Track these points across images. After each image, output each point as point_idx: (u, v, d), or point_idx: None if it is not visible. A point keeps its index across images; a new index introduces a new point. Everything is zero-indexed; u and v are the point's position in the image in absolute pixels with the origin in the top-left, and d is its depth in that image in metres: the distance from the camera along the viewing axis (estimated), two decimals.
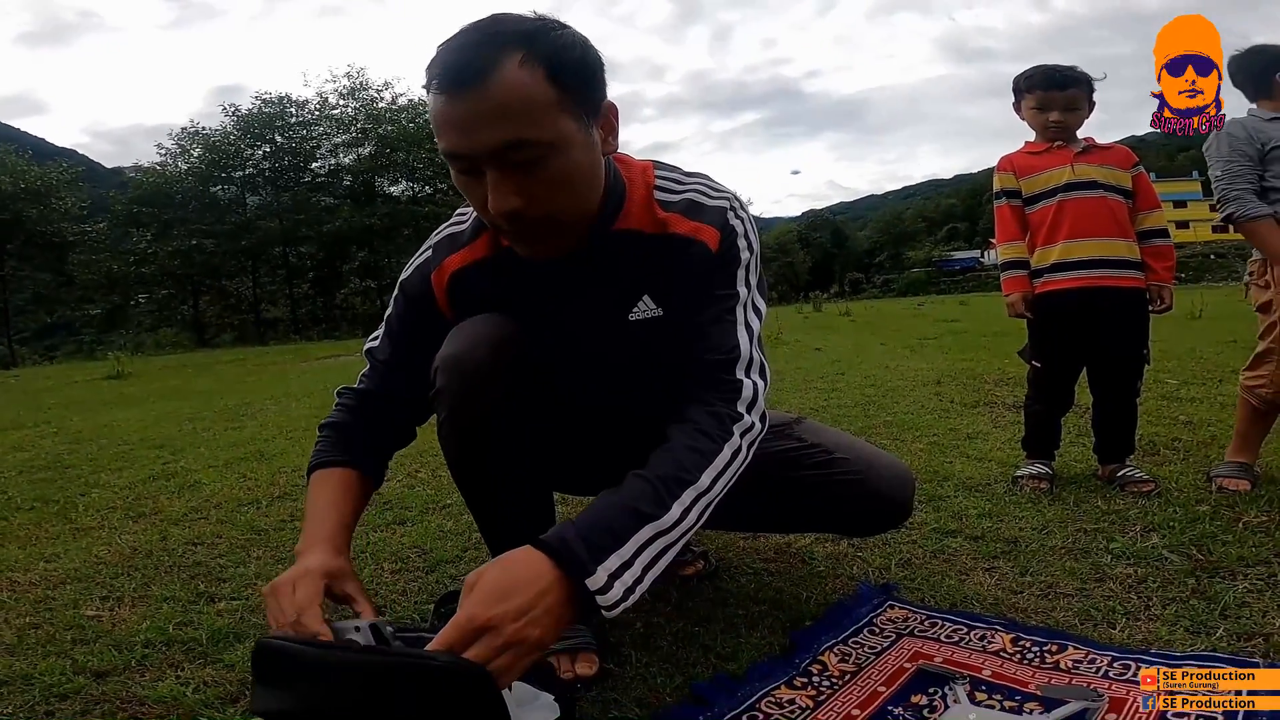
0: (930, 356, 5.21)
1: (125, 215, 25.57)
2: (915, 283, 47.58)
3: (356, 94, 27.76)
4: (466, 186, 0.79)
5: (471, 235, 0.96)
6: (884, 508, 1.08)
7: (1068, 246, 1.77)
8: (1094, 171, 1.77)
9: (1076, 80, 1.78)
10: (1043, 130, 1.84)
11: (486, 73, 0.72)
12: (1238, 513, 1.51)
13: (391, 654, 0.71)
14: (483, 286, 0.94)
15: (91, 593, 1.40)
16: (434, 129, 0.77)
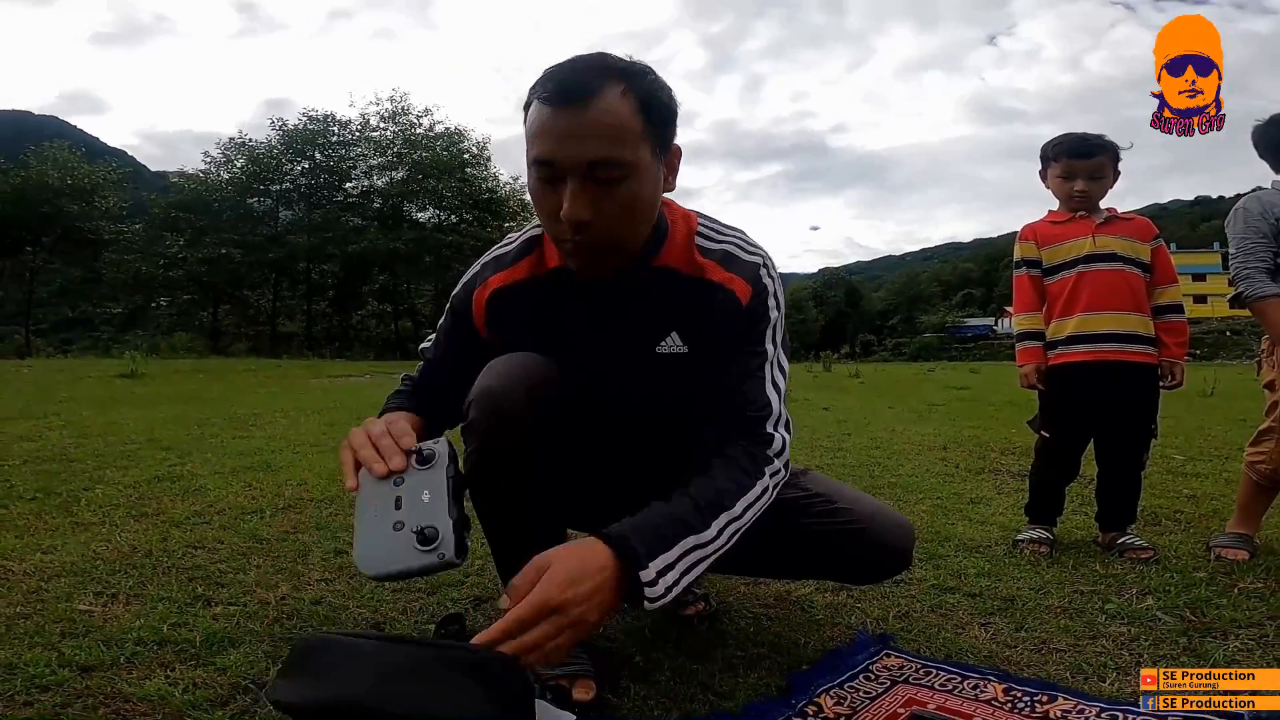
0: (938, 423, 5.19)
1: (162, 219, 26.09)
2: (927, 347, 47.54)
3: (397, 118, 28.40)
4: (542, 194, 0.86)
5: (515, 257, 1.02)
6: (884, 557, 1.10)
7: (1084, 319, 1.79)
8: (1114, 244, 1.80)
9: (1103, 148, 1.82)
10: (1067, 199, 1.87)
11: (593, 94, 0.81)
12: (1234, 579, 1.54)
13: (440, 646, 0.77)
14: (519, 306, 1.00)
15: (86, 587, 1.40)
16: (530, 136, 0.85)
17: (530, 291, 1.00)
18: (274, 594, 1.38)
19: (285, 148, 27.51)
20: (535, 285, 1.00)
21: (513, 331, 1.01)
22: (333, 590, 1.43)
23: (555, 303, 0.99)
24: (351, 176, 28.82)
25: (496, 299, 1.02)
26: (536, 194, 0.88)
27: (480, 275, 1.04)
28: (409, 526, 0.78)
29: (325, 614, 1.30)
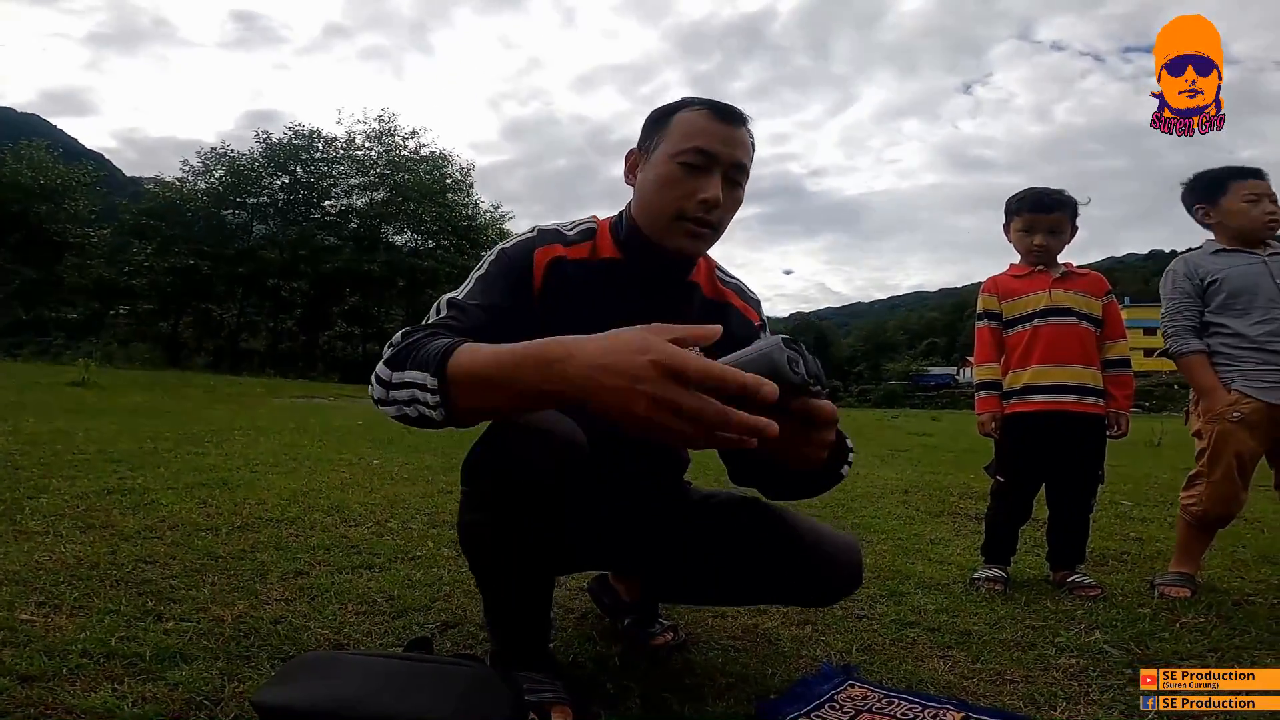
0: (900, 467, 5.27)
1: (132, 225, 25.46)
2: (891, 394, 48.37)
3: (383, 138, 28.32)
4: (682, 180, 1.01)
5: (576, 239, 1.10)
6: (837, 576, 1.14)
7: (1038, 371, 1.89)
8: (1069, 299, 1.91)
9: (1062, 204, 1.93)
10: (1026, 253, 1.98)
11: (746, 122, 1.06)
12: (1176, 615, 1.61)
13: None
14: (579, 283, 1.06)
15: (28, 597, 1.35)
16: (688, 133, 1.02)
17: (589, 274, 1.07)
18: (230, 611, 1.34)
19: (267, 160, 27.15)
20: (594, 270, 1.08)
21: (566, 307, 1.03)
22: (293, 610, 1.39)
23: (611, 291, 1.07)
24: (331, 194, 28.54)
25: (559, 268, 1.06)
26: (674, 179, 1.02)
27: (538, 240, 1.08)
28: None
29: (285, 633, 1.26)
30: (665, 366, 0.65)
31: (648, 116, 1.10)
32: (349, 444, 4.49)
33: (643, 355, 0.66)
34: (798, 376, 0.70)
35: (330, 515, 2.29)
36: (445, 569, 1.74)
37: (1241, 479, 1.80)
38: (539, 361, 0.72)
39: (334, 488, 2.83)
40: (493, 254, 1.08)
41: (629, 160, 1.12)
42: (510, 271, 1.05)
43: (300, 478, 3.03)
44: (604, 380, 0.67)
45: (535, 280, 1.05)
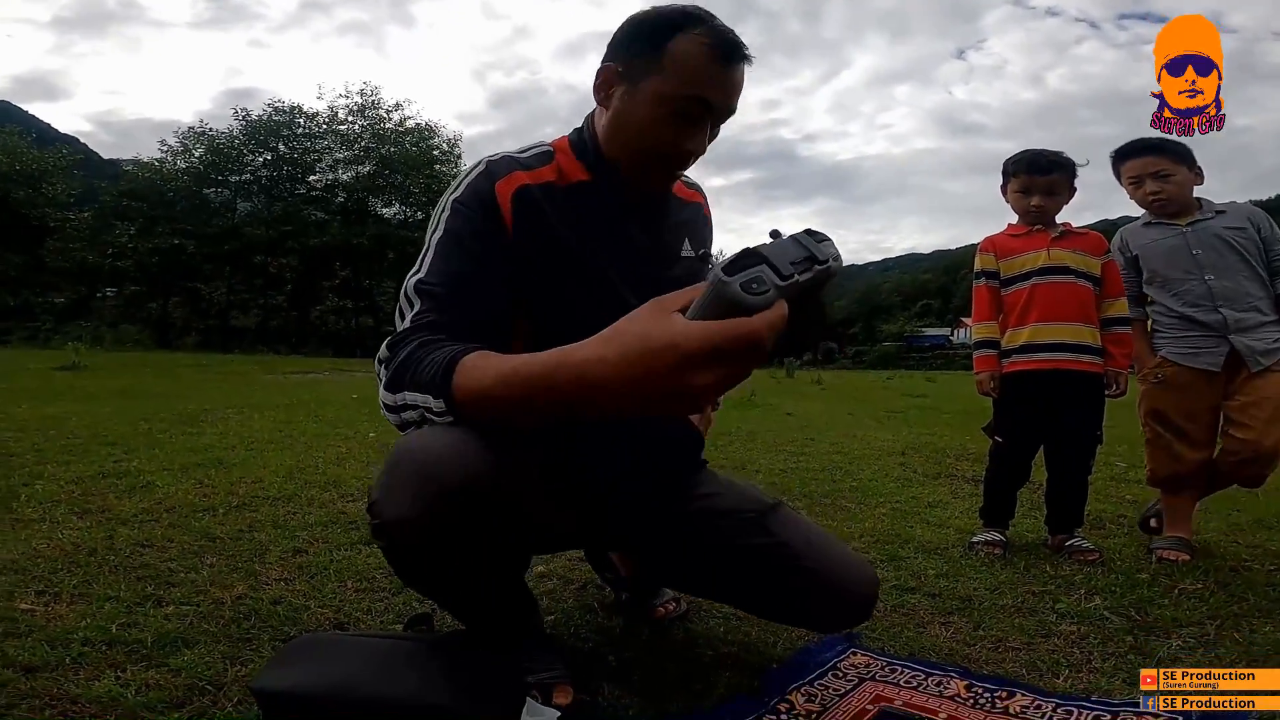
0: (896, 428, 5.31)
1: (112, 207, 25.00)
2: (886, 356, 48.56)
3: (366, 112, 27.66)
4: (666, 124, 0.94)
5: (534, 163, 0.99)
6: (846, 610, 1.11)
7: (1036, 329, 1.88)
8: (1067, 257, 1.89)
9: (1060, 166, 1.90)
10: (1024, 213, 1.96)
11: (748, 58, 0.96)
12: (1174, 581, 1.61)
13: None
14: (550, 210, 0.97)
15: (27, 586, 1.34)
16: (688, 78, 0.92)
17: (561, 198, 0.98)
18: (229, 593, 1.34)
19: (248, 138, 26.57)
20: (565, 193, 0.99)
21: (546, 236, 0.96)
22: (292, 590, 1.39)
23: (589, 213, 1.00)
24: (316, 170, 28.01)
25: (526, 196, 0.95)
26: (660, 126, 0.94)
27: (495, 171, 0.96)
28: None
29: (285, 614, 1.26)
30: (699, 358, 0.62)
31: (631, 27, 0.96)
32: (344, 418, 4.48)
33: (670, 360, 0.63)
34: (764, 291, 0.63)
35: (327, 491, 2.29)
36: None
37: (1175, 436, 1.86)
38: (556, 399, 0.69)
39: (330, 463, 2.83)
40: (445, 208, 0.95)
41: (602, 76, 0.98)
42: (472, 220, 0.93)
43: (296, 454, 3.02)
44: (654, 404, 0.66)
45: (505, 218, 0.94)
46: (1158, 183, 1.87)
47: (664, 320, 0.64)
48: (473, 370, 0.74)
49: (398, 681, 0.77)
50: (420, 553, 0.80)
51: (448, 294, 0.88)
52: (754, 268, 0.64)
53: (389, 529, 0.78)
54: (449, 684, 0.77)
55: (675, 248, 1.10)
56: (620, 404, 0.67)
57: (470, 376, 0.74)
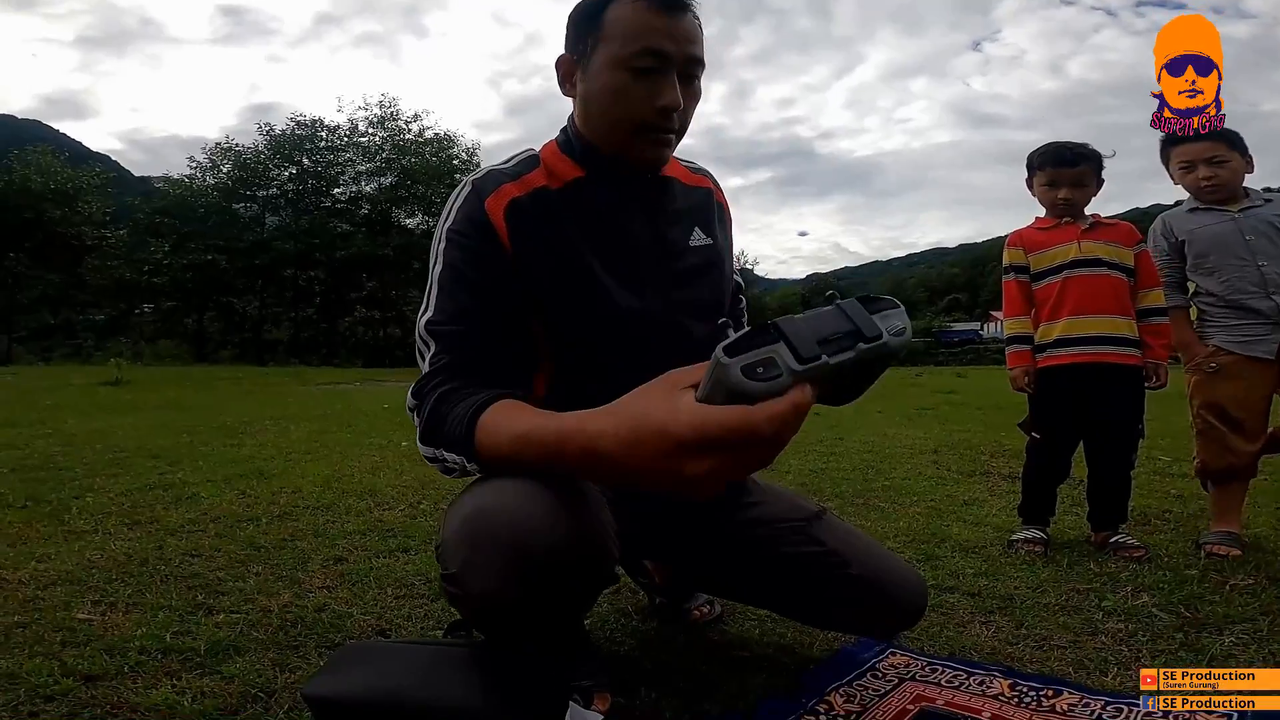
0: (927, 426, 5.23)
1: (146, 224, 25.75)
2: (914, 352, 47.81)
3: (386, 123, 28.13)
4: (629, 87, 0.91)
5: (519, 171, 0.96)
6: (896, 616, 1.11)
7: (1071, 323, 1.83)
8: (1099, 249, 1.84)
9: (1086, 157, 1.86)
10: (1051, 206, 1.92)
11: (689, 7, 0.93)
12: (1225, 576, 1.56)
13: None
14: (545, 216, 0.94)
15: (84, 596, 1.39)
16: (630, 34, 0.90)
17: (554, 202, 0.95)
18: (276, 602, 1.37)
19: (272, 153, 27.20)
20: (559, 196, 0.96)
21: (545, 247, 0.93)
22: (335, 598, 1.42)
23: (588, 210, 0.96)
24: (339, 182, 28.56)
25: (517, 210, 0.93)
26: (624, 88, 0.91)
27: (482, 189, 0.93)
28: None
29: (330, 621, 1.29)
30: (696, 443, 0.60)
31: (571, 13, 0.96)
32: (377, 427, 4.56)
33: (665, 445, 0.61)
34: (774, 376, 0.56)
35: (364, 500, 2.33)
36: None
37: (1230, 429, 1.80)
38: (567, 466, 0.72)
39: (365, 472, 2.88)
40: (441, 239, 0.94)
41: (561, 68, 0.98)
42: (469, 247, 0.92)
43: (332, 464, 3.08)
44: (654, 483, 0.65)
45: (501, 235, 0.91)
46: (1212, 168, 1.82)
47: (665, 400, 0.63)
48: (493, 431, 0.77)
49: (444, 688, 0.78)
50: (507, 620, 0.81)
51: (459, 332, 0.89)
52: (766, 346, 0.56)
53: (473, 601, 0.78)
54: (494, 690, 0.78)
55: (682, 237, 1.05)
56: (627, 480, 0.67)
57: (490, 436, 0.77)
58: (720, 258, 1.10)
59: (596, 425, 0.68)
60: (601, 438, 0.67)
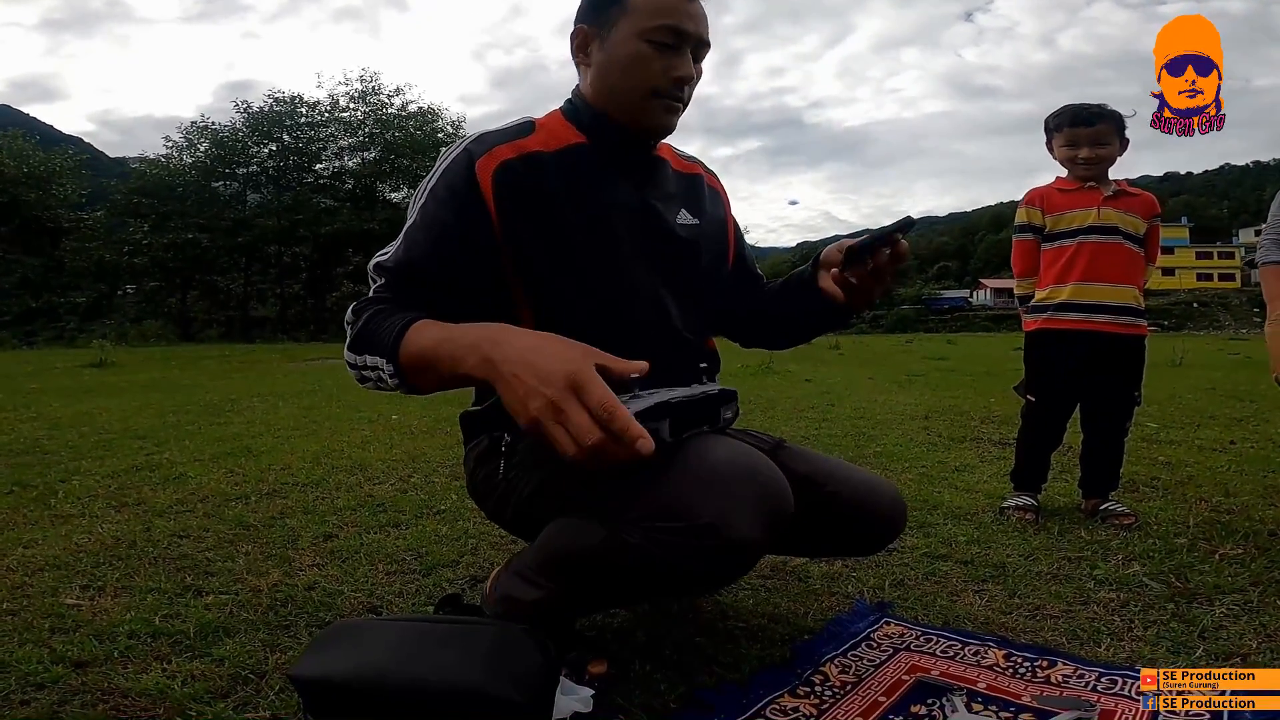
0: (918, 392, 5.26)
1: (124, 205, 25.24)
2: (904, 319, 48.00)
3: (367, 98, 27.60)
4: (652, 59, 0.97)
5: (516, 134, 0.98)
6: (876, 530, 1.11)
7: (1078, 288, 1.81)
8: (1116, 218, 1.81)
9: (1103, 116, 1.81)
10: (1073, 167, 1.87)
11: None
12: (1214, 545, 1.58)
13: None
14: (538, 179, 0.96)
15: (71, 581, 1.37)
16: (655, 10, 0.97)
17: (550, 165, 0.97)
18: (265, 581, 1.36)
19: (251, 130, 26.58)
20: (556, 160, 0.98)
21: (535, 210, 0.95)
22: (325, 575, 1.41)
23: (582, 176, 0.99)
24: (321, 158, 28.03)
25: (508, 170, 0.94)
26: (643, 59, 0.97)
27: (475, 151, 0.95)
28: None
29: (320, 599, 1.28)
30: (574, 380, 0.69)
31: None
32: (367, 401, 4.53)
33: (560, 364, 0.70)
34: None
35: (354, 475, 2.32)
36: (470, 522, 1.75)
37: None
38: (474, 347, 0.77)
39: (355, 446, 2.86)
40: (423, 194, 0.95)
41: (578, 38, 1.02)
42: (447, 205, 0.93)
43: (321, 439, 3.06)
44: (517, 373, 0.72)
45: (487, 197, 0.92)
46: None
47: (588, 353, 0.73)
48: (416, 334, 0.82)
49: (433, 664, 0.78)
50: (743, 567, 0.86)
51: (412, 272, 0.92)
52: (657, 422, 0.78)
53: (731, 550, 0.80)
54: (484, 664, 0.77)
55: (669, 215, 1.06)
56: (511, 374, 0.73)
57: (413, 341, 0.82)
58: (707, 240, 1.11)
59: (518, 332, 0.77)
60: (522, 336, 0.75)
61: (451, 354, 0.78)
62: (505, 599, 0.98)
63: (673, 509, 0.80)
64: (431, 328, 0.82)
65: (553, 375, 0.70)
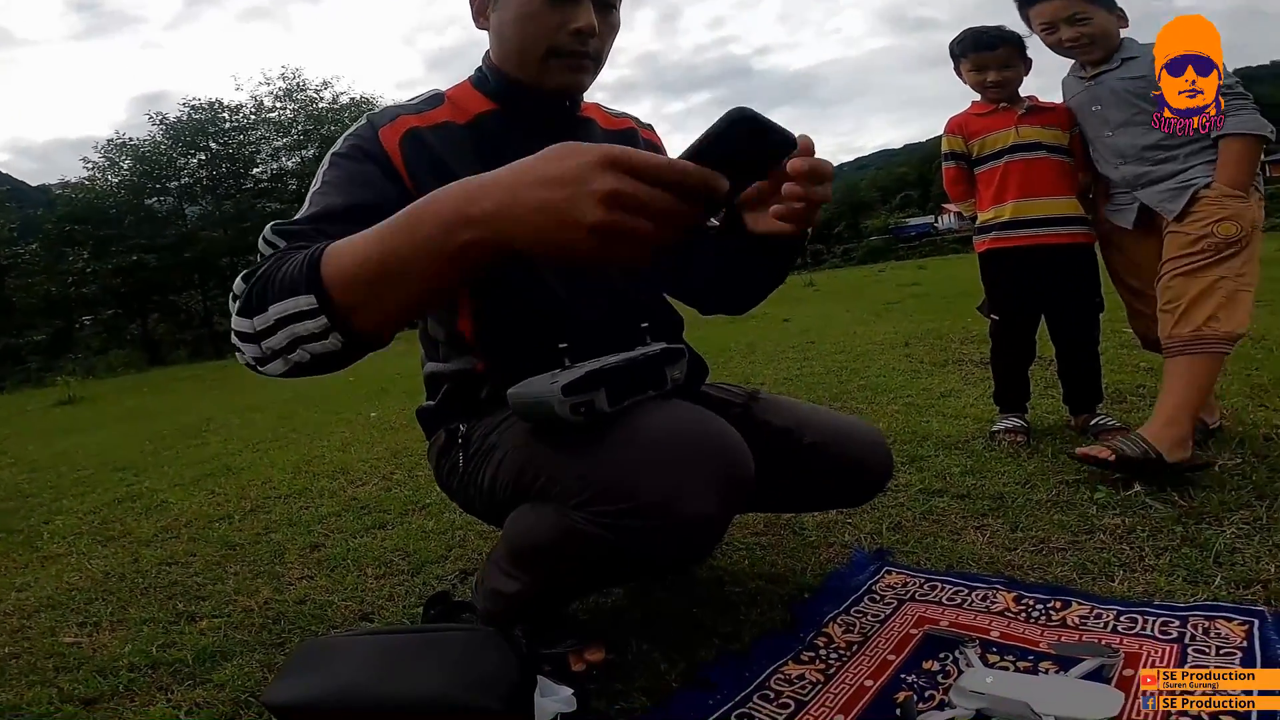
0: (895, 320, 5.30)
1: (57, 235, 24.03)
2: (874, 250, 48.22)
3: (294, 95, 26.44)
4: (543, 11, 0.88)
5: (426, 106, 0.93)
6: (864, 479, 1.06)
7: (1018, 205, 1.83)
8: (1036, 134, 1.81)
9: (1004, 39, 1.81)
10: (983, 92, 1.88)
11: None
12: (1211, 456, 1.51)
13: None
14: (449, 150, 0.89)
15: (68, 619, 1.36)
16: None
17: (462, 135, 0.91)
18: (256, 600, 1.34)
19: (173, 141, 25.25)
20: (466, 130, 0.92)
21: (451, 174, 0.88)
22: (315, 587, 1.38)
23: (496, 145, 0.90)
24: (257, 162, 26.91)
25: (414, 140, 0.88)
26: (536, 13, 0.88)
27: (377, 121, 0.89)
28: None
29: (312, 612, 1.26)
30: (612, 160, 0.52)
31: None
32: (344, 402, 4.48)
33: (580, 157, 0.53)
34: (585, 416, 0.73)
35: (336, 479, 2.28)
36: (456, 513, 1.72)
37: (1131, 296, 1.75)
38: (439, 213, 0.57)
39: (335, 450, 2.82)
40: (325, 164, 0.87)
41: (475, 3, 0.94)
42: (357, 160, 0.86)
43: (301, 448, 3.01)
44: (540, 195, 0.53)
45: (397, 164, 0.86)
46: (1075, 27, 1.63)
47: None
48: (339, 248, 0.63)
49: (405, 678, 0.75)
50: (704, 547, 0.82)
51: (312, 229, 0.76)
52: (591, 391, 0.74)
53: (682, 530, 0.72)
54: (457, 673, 0.75)
55: None
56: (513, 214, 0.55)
57: (338, 255, 0.62)
58: None
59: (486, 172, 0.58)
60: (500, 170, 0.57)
61: (416, 241, 0.58)
62: (491, 593, 0.94)
63: (616, 490, 0.73)
64: (357, 237, 0.62)
65: (585, 167, 0.52)
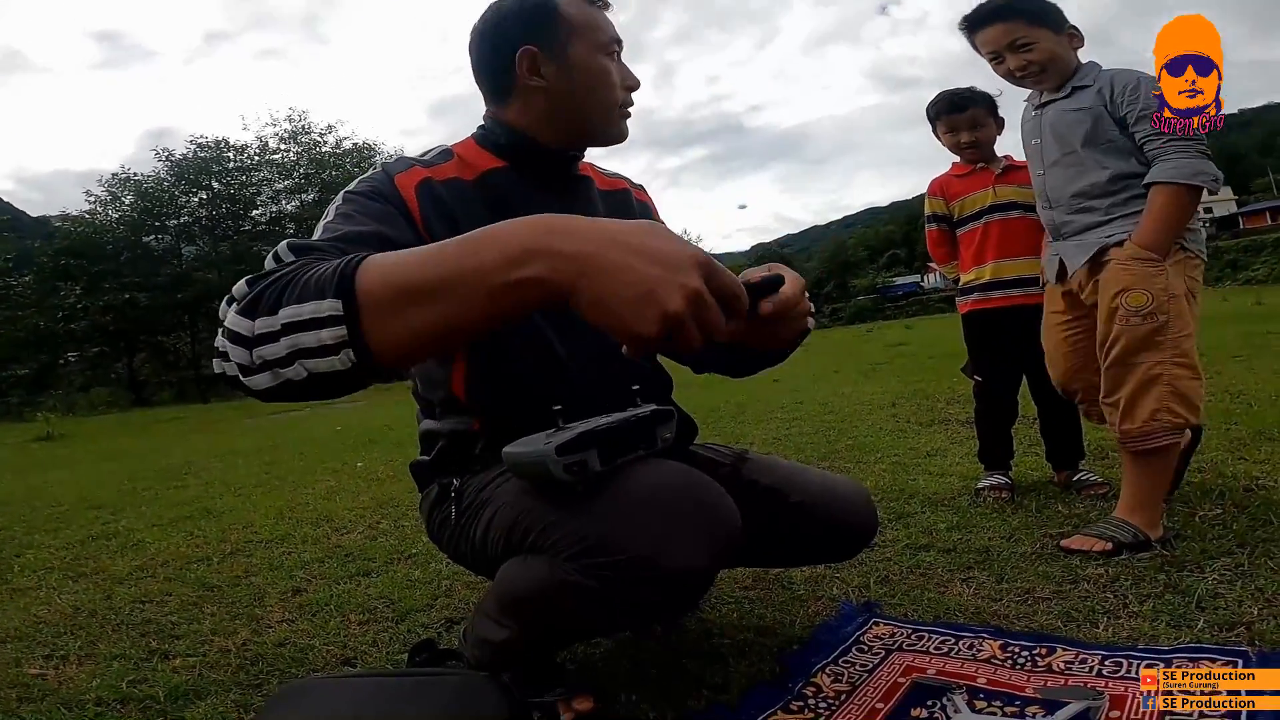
0: (883, 380, 5.36)
1: (52, 268, 23.94)
2: (862, 310, 48.92)
3: (298, 138, 26.73)
4: (610, 69, 0.99)
5: (437, 160, 0.96)
6: (850, 536, 1.09)
7: (997, 266, 1.89)
8: (1013, 193, 1.89)
9: (973, 100, 1.90)
10: (959, 153, 1.97)
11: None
12: (1191, 508, 1.54)
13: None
14: (460, 204, 0.92)
15: (34, 651, 1.33)
16: (595, 24, 0.98)
17: (472, 190, 0.95)
18: (233, 641, 1.31)
19: (177, 179, 25.38)
20: (476, 185, 0.96)
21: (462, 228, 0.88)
22: (295, 630, 1.36)
23: (507, 200, 0.95)
24: (257, 203, 27.06)
25: (428, 190, 0.91)
26: (605, 71, 0.98)
27: (392, 169, 0.93)
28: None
29: (292, 655, 1.23)
30: (707, 265, 0.55)
31: (516, 9, 0.96)
32: (330, 451, 4.43)
33: (683, 247, 0.55)
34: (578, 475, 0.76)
35: (320, 527, 2.25)
36: (443, 563, 1.68)
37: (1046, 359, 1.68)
38: (506, 242, 0.54)
39: (320, 498, 2.78)
40: (338, 201, 0.87)
41: (526, 60, 0.95)
42: (375, 199, 0.87)
43: (285, 494, 2.97)
44: (632, 262, 0.52)
45: (411, 208, 0.88)
46: (1019, 55, 1.50)
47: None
48: (383, 258, 0.58)
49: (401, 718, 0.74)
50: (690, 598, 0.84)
51: (334, 248, 0.71)
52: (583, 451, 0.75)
53: (669, 583, 0.74)
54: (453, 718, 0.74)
55: None
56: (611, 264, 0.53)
57: (380, 264, 0.57)
58: None
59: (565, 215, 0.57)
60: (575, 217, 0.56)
61: (472, 265, 0.54)
62: (479, 641, 0.94)
63: (605, 544, 0.75)
64: (402, 252, 0.58)
65: (683, 259, 0.53)
